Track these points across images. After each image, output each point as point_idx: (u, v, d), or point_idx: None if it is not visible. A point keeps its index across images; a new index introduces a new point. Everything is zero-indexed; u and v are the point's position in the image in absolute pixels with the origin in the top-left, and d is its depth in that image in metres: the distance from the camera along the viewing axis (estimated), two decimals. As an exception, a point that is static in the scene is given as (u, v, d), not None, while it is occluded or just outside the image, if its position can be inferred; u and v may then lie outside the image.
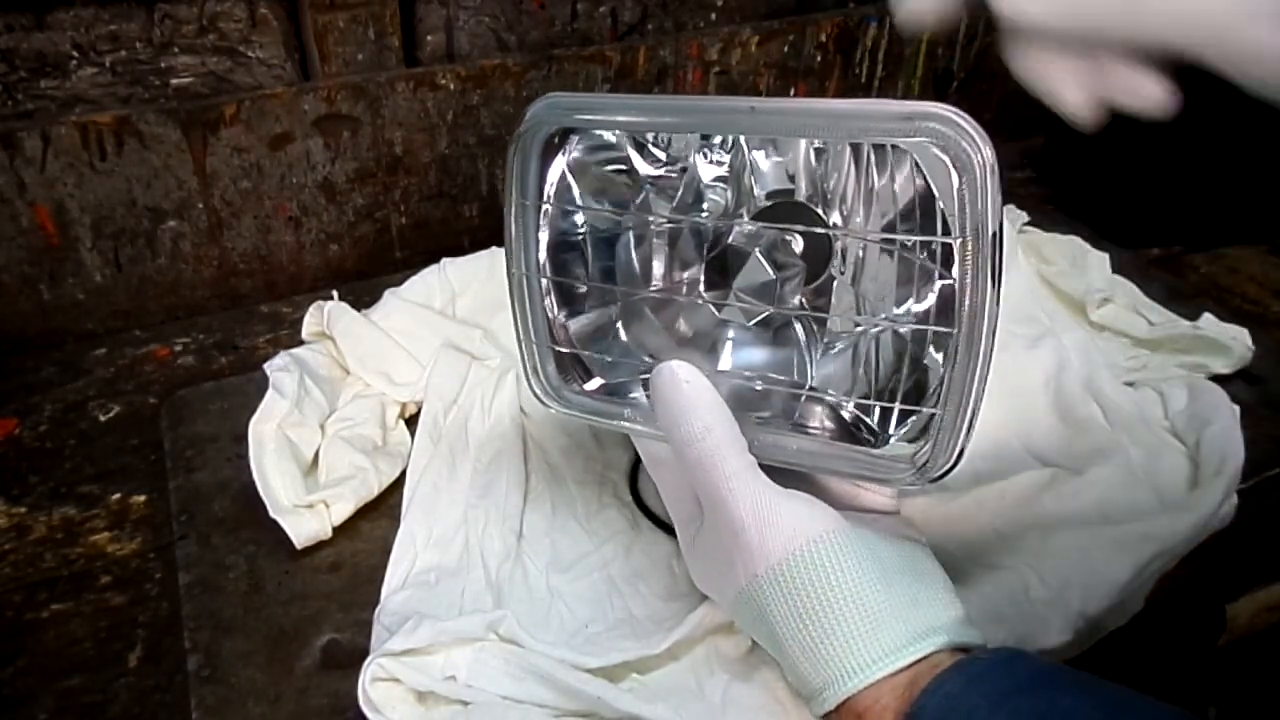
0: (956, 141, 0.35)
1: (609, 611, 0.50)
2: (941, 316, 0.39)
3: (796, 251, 0.43)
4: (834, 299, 0.44)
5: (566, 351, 0.46)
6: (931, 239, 0.39)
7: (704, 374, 0.42)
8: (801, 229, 0.43)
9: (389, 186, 0.76)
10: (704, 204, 0.45)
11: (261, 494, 0.53)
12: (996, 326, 0.36)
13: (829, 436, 0.44)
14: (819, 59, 0.88)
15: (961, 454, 0.38)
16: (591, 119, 0.42)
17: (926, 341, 0.40)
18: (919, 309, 0.41)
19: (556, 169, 0.44)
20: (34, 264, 0.67)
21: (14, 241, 0.66)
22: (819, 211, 0.43)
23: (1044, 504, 0.55)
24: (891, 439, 0.41)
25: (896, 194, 0.40)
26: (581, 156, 0.45)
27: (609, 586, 0.51)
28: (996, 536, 0.52)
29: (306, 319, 0.65)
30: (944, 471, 0.38)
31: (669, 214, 0.45)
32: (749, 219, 0.44)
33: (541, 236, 0.44)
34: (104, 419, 0.63)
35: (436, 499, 0.55)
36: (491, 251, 0.71)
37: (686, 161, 0.45)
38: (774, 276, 0.42)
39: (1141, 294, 0.72)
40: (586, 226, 0.46)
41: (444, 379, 0.61)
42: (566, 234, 0.45)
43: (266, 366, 0.60)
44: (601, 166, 0.45)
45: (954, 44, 0.95)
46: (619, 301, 0.47)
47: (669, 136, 0.45)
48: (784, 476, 0.40)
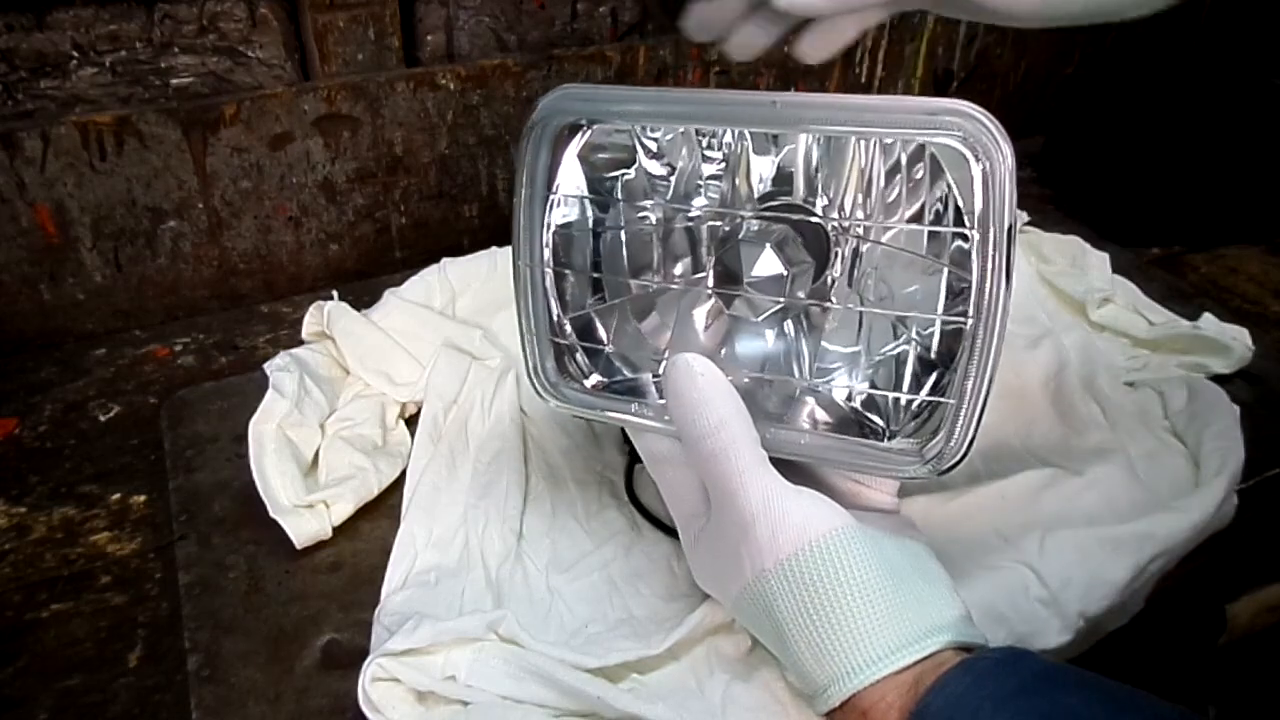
0: (978, 135, 0.35)
1: (609, 611, 0.50)
2: (951, 310, 0.39)
3: (804, 249, 0.43)
4: (835, 297, 0.44)
5: (567, 344, 0.46)
6: (950, 229, 0.39)
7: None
8: (805, 218, 0.43)
9: (389, 186, 0.76)
10: (699, 199, 0.45)
11: (261, 494, 0.53)
12: (1007, 320, 0.37)
13: (838, 431, 0.44)
14: (819, 59, 0.88)
15: (971, 445, 0.38)
16: (606, 110, 0.42)
17: (933, 335, 0.40)
18: (929, 303, 0.41)
19: (566, 161, 0.44)
20: (34, 264, 0.67)
21: (14, 241, 0.66)
22: (817, 212, 0.43)
23: (1044, 504, 0.55)
24: (899, 433, 0.41)
25: (903, 192, 0.40)
26: (590, 150, 0.45)
27: (609, 586, 0.51)
28: (996, 536, 0.52)
29: (306, 319, 0.65)
30: (954, 463, 0.39)
31: (674, 208, 0.45)
32: (753, 215, 0.44)
33: (548, 229, 0.44)
34: (104, 419, 0.63)
35: (436, 499, 0.55)
36: (491, 251, 0.71)
37: (680, 159, 0.45)
38: (786, 271, 0.42)
39: (1141, 294, 0.72)
40: (592, 220, 0.46)
41: (444, 379, 0.61)
42: (572, 227, 0.45)
43: (266, 366, 0.60)
44: (609, 160, 0.45)
45: (954, 44, 0.95)
46: (623, 296, 0.47)
47: (660, 132, 0.44)
48: (790, 475, 0.40)
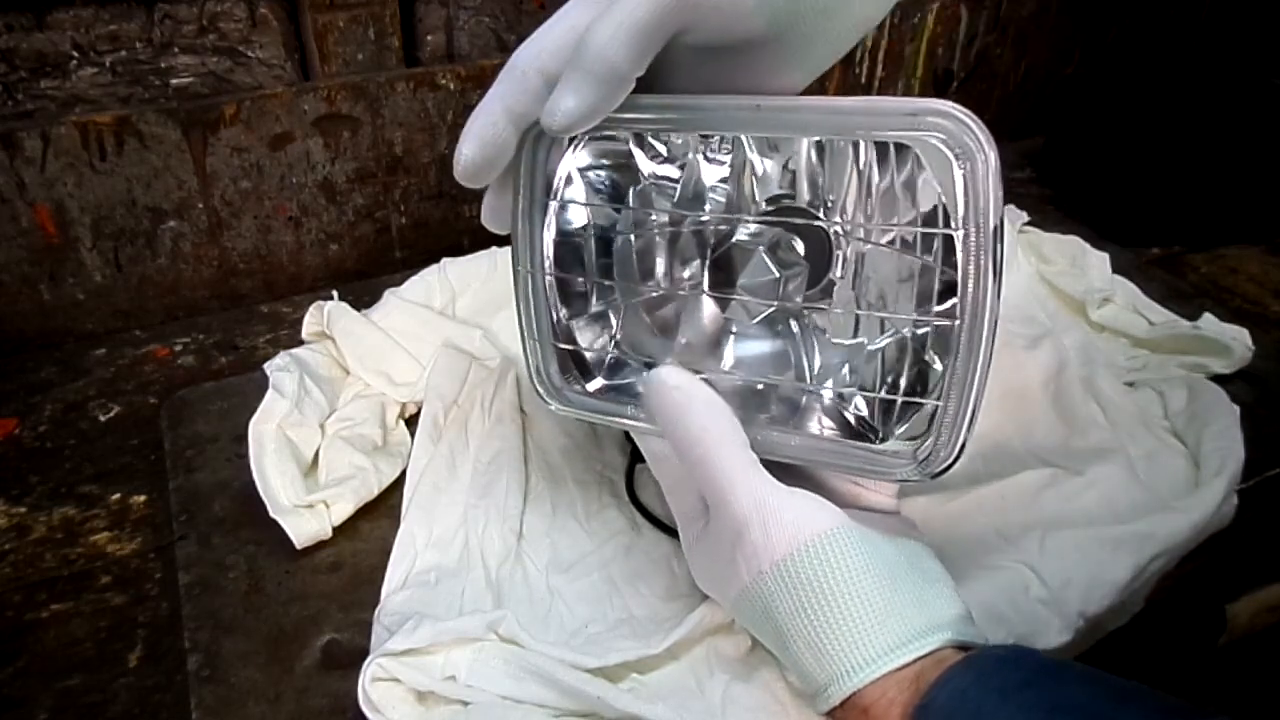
0: (960, 136, 0.35)
1: (609, 611, 0.50)
2: (943, 312, 0.39)
3: (800, 252, 0.43)
4: (835, 299, 0.44)
5: (569, 349, 0.46)
6: (933, 230, 0.39)
7: (704, 372, 0.42)
8: (803, 222, 0.43)
9: (389, 186, 0.76)
10: (705, 204, 0.45)
11: (261, 494, 0.53)
12: (998, 320, 0.36)
13: (831, 434, 0.44)
14: (819, 59, 0.88)
15: (963, 448, 0.38)
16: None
17: (928, 337, 0.41)
18: (921, 305, 0.41)
19: (564, 167, 0.44)
20: (34, 264, 0.67)
21: (14, 241, 0.66)
22: (820, 216, 0.43)
23: (1044, 504, 0.55)
24: (893, 435, 0.41)
25: (898, 194, 0.40)
26: (588, 154, 0.45)
27: (609, 586, 0.51)
28: (996, 536, 0.52)
29: (306, 319, 0.65)
30: (946, 466, 0.38)
31: (671, 211, 0.46)
32: (751, 218, 0.44)
33: (547, 234, 0.45)
34: (104, 419, 0.63)
35: (436, 499, 0.55)
36: (491, 251, 0.71)
37: (686, 159, 0.45)
38: (778, 274, 0.43)
39: (1141, 294, 0.72)
40: (591, 225, 0.46)
41: (444, 379, 0.61)
42: (571, 233, 0.46)
43: (266, 366, 0.60)
44: (607, 164, 0.46)
45: (954, 44, 0.95)
46: (622, 300, 0.47)
47: (669, 135, 0.45)
48: (787, 477, 0.40)
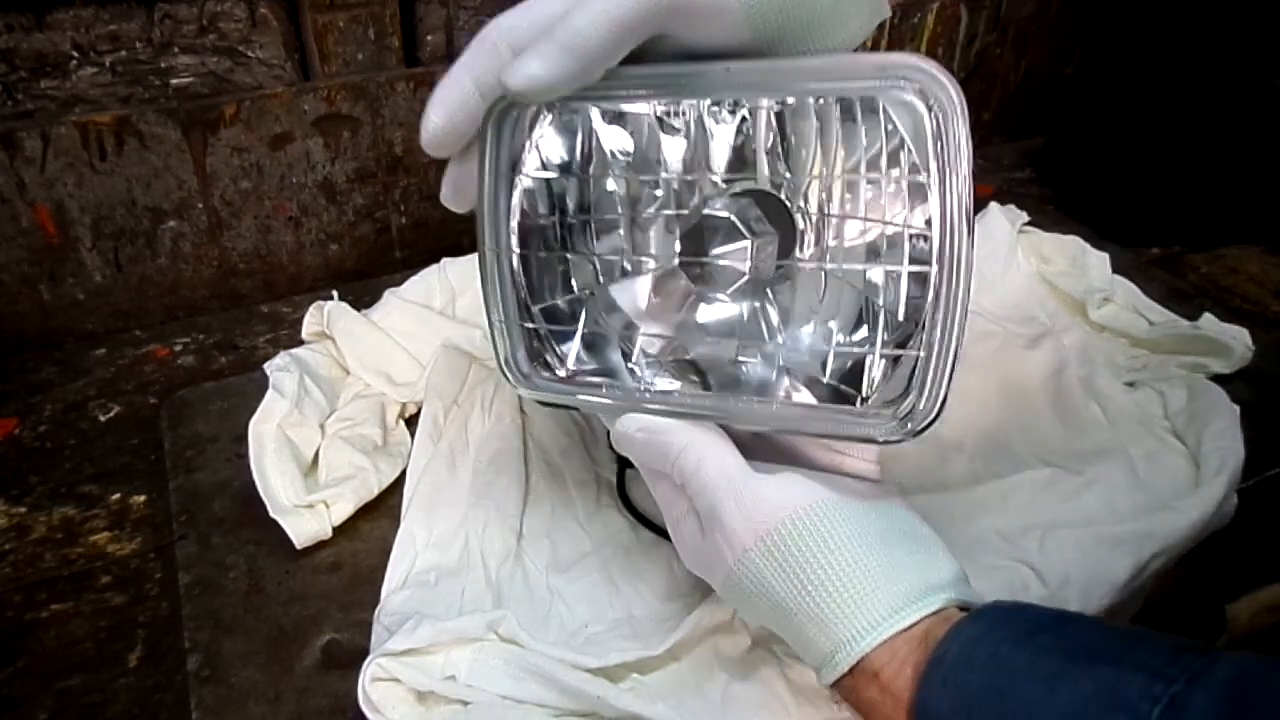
0: (929, 87, 0.35)
1: (609, 611, 0.50)
2: (917, 261, 0.39)
3: (768, 223, 0.43)
4: (801, 279, 0.44)
5: (537, 328, 0.45)
6: (906, 176, 0.38)
7: (678, 343, 0.43)
8: (770, 193, 0.42)
9: (389, 186, 0.76)
10: (665, 171, 0.45)
11: (261, 494, 0.53)
12: (973, 271, 0.36)
13: (809, 400, 0.43)
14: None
15: (944, 402, 0.37)
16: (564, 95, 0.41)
17: (901, 295, 0.40)
18: (892, 266, 0.40)
19: (530, 143, 0.44)
20: (34, 264, 0.67)
21: (14, 241, 0.66)
22: (781, 197, 0.43)
23: (1044, 504, 0.55)
24: (872, 398, 0.41)
25: (864, 160, 0.40)
26: (553, 130, 0.44)
27: (609, 586, 0.51)
28: (996, 536, 0.52)
29: (306, 319, 0.65)
30: (928, 422, 0.38)
31: (631, 178, 0.45)
32: (715, 189, 0.43)
33: (514, 213, 0.44)
34: (104, 419, 0.63)
35: (436, 499, 0.55)
36: (491, 251, 0.71)
37: (644, 134, 0.44)
38: (749, 242, 0.42)
39: (1141, 294, 0.72)
40: (556, 202, 0.46)
41: (444, 379, 0.61)
42: (536, 211, 0.45)
43: (266, 366, 0.60)
44: (572, 142, 0.45)
45: (954, 44, 0.95)
46: (589, 278, 0.46)
47: (632, 107, 0.44)
48: (767, 458, 0.40)
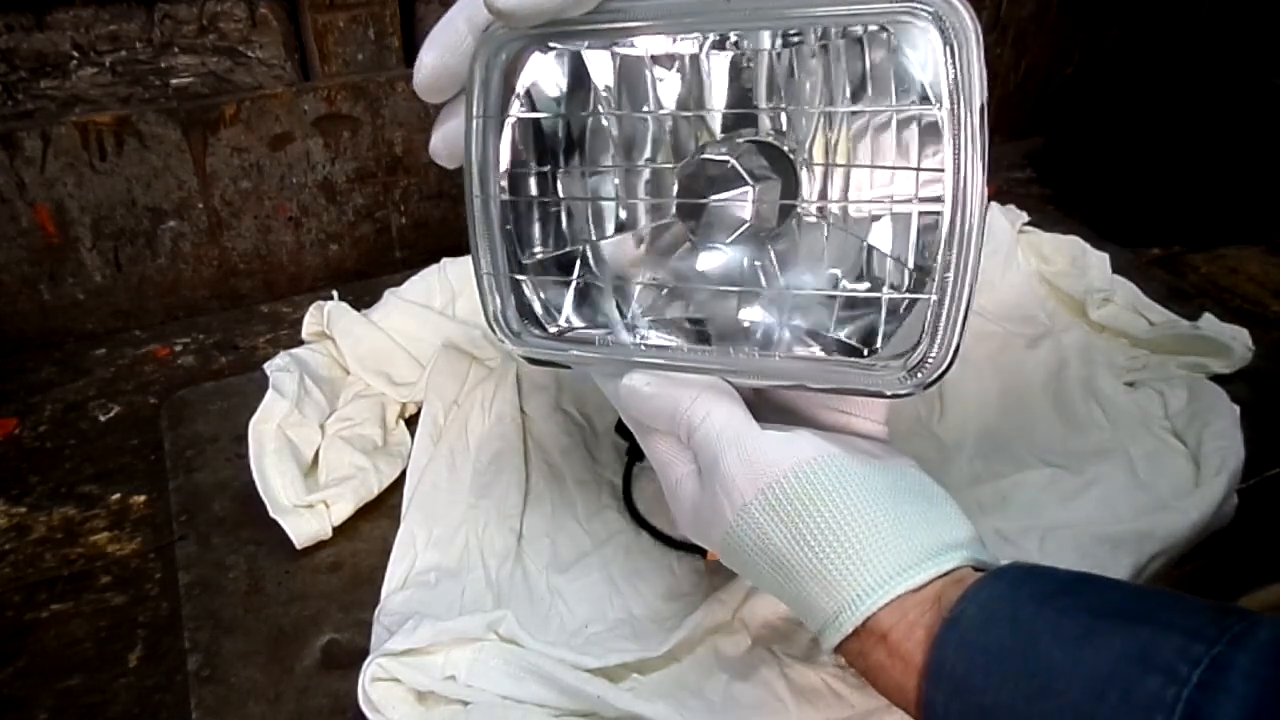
0: (942, 10, 0.33)
1: (609, 611, 0.50)
2: (928, 199, 0.37)
3: (768, 167, 0.42)
4: (804, 228, 0.42)
5: (528, 280, 0.43)
6: (917, 110, 0.36)
7: (678, 288, 0.42)
8: (770, 142, 0.41)
9: (389, 186, 0.76)
10: (658, 111, 0.43)
11: (261, 494, 0.53)
12: (986, 211, 0.34)
13: (816, 353, 0.42)
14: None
15: (956, 352, 0.35)
16: (552, 30, 0.39)
17: (911, 241, 0.38)
18: (902, 207, 0.38)
19: (520, 83, 0.41)
20: (34, 264, 0.67)
21: (14, 241, 0.66)
22: (784, 149, 0.41)
23: (1044, 504, 0.55)
24: (880, 348, 0.39)
25: (871, 90, 0.38)
26: (542, 69, 0.42)
27: (609, 586, 0.51)
28: (996, 536, 0.52)
29: (306, 319, 0.65)
30: (939, 373, 0.36)
31: (627, 114, 0.43)
32: (712, 137, 0.42)
33: (503, 158, 0.42)
34: (104, 419, 0.63)
35: (436, 499, 0.55)
36: (491, 251, 0.70)
37: (638, 73, 0.42)
38: (750, 184, 0.41)
39: (1141, 294, 0.72)
40: (549, 143, 0.43)
41: (444, 379, 0.61)
42: (527, 154, 0.43)
43: (266, 366, 0.60)
44: (562, 77, 0.42)
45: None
46: (586, 227, 0.45)
47: (627, 42, 0.41)
48: (777, 417, 0.39)
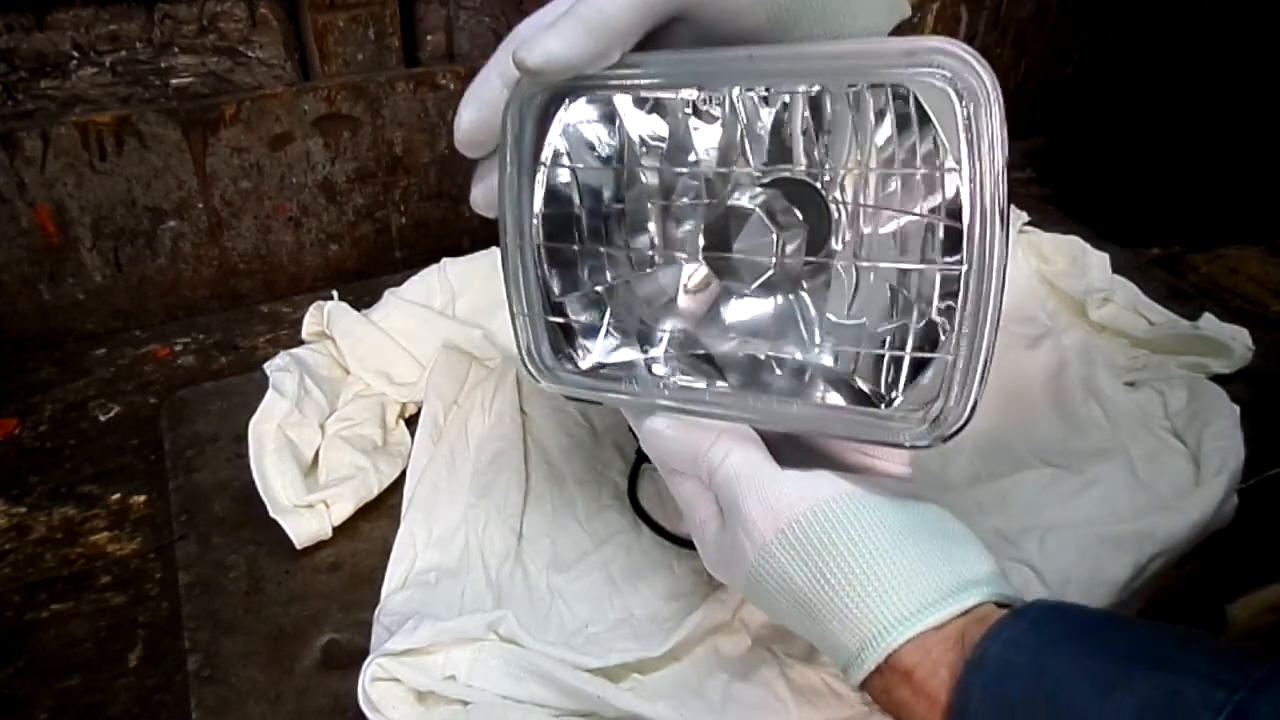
0: (962, 73, 0.34)
1: (609, 611, 0.50)
2: (950, 261, 0.37)
3: (798, 216, 0.42)
4: (840, 263, 0.43)
5: (562, 322, 0.44)
6: (937, 169, 0.37)
7: (703, 341, 0.43)
8: (804, 182, 0.41)
9: (389, 186, 0.76)
10: (697, 163, 0.44)
11: (261, 494, 0.53)
12: (1006, 267, 0.35)
13: (837, 401, 0.43)
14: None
15: (975, 407, 0.36)
16: (584, 81, 0.40)
17: (933, 294, 0.39)
18: (926, 262, 0.39)
19: (552, 133, 0.42)
20: (34, 264, 0.67)
21: (14, 241, 0.66)
22: (818, 187, 0.42)
23: (1044, 504, 0.55)
24: (899, 400, 0.39)
25: (897, 149, 0.39)
26: (575, 120, 0.43)
27: (609, 586, 0.51)
28: (996, 536, 0.52)
29: (306, 319, 0.65)
30: (958, 427, 0.36)
31: (661, 168, 0.44)
32: (749, 179, 0.43)
33: (536, 204, 0.43)
34: (104, 419, 0.63)
35: (436, 499, 0.55)
36: (491, 251, 0.70)
37: (678, 121, 0.43)
38: (776, 235, 0.41)
39: (1141, 294, 0.72)
40: (581, 194, 0.44)
41: (444, 379, 0.61)
42: (561, 202, 0.44)
43: (266, 366, 0.60)
44: (596, 130, 0.44)
45: (954, 44, 0.95)
46: (614, 270, 0.46)
47: (659, 94, 0.42)
48: (800, 457, 0.39)
